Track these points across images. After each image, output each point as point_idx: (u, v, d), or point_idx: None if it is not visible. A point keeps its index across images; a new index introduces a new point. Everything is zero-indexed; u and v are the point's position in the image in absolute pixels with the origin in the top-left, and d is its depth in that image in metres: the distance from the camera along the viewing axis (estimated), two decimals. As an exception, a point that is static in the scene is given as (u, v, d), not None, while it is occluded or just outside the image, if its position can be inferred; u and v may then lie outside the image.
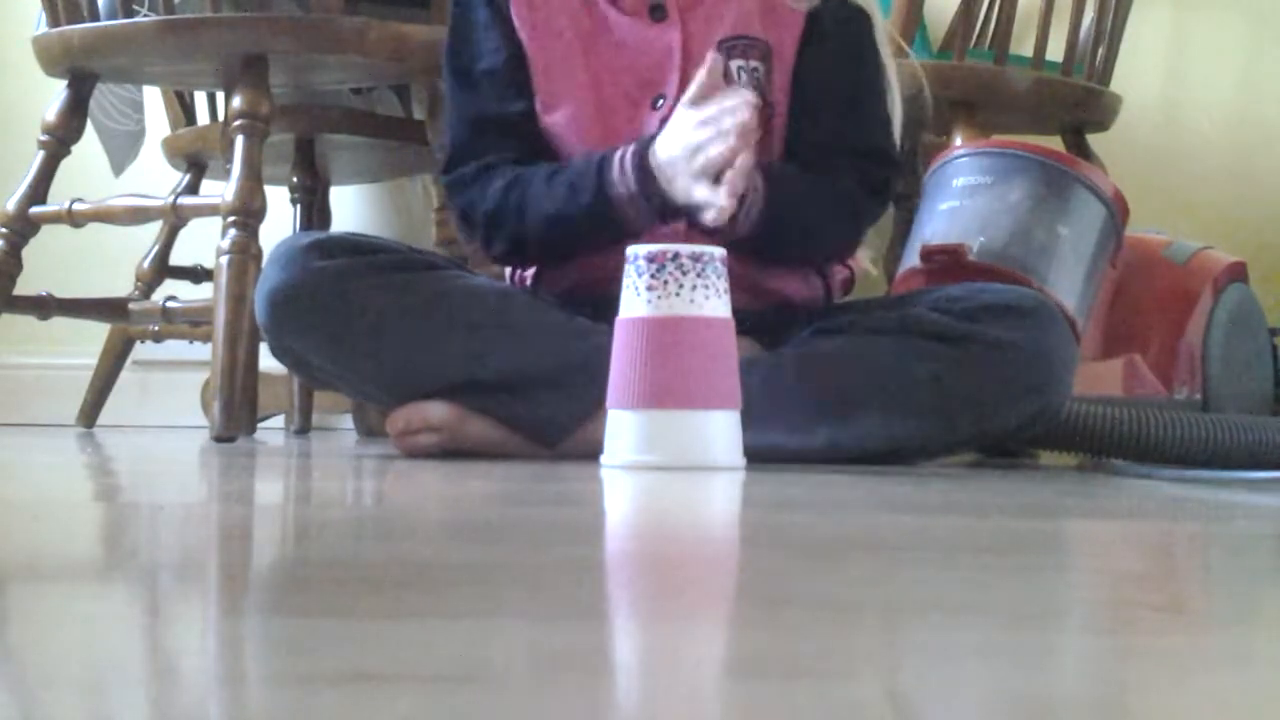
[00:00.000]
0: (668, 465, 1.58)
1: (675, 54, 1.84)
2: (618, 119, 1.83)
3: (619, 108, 1.84)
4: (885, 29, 1.92)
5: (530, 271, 1.90)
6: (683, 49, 1.84)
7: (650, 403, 1.59)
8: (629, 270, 1.62)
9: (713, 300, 1.60)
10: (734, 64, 1.84)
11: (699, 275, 1.59)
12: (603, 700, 0.50)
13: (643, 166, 1.73)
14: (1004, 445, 2.02)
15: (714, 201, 1.66)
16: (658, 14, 1.85)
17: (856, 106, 1.87)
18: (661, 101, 1.83)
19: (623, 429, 1.60)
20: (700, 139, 1.69)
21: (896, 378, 1.74)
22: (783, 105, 1.86)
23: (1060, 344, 1.77)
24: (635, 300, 1.61)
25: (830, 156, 1.83)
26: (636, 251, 1.62)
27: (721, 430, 1.60)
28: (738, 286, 1.86)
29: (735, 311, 1.85)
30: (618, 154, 1.75)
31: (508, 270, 1.95)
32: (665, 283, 1.59)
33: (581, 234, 1.79)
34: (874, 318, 1.78)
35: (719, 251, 1.63)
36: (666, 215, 1.75)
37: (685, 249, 1.61)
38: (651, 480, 1.51)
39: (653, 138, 1.74)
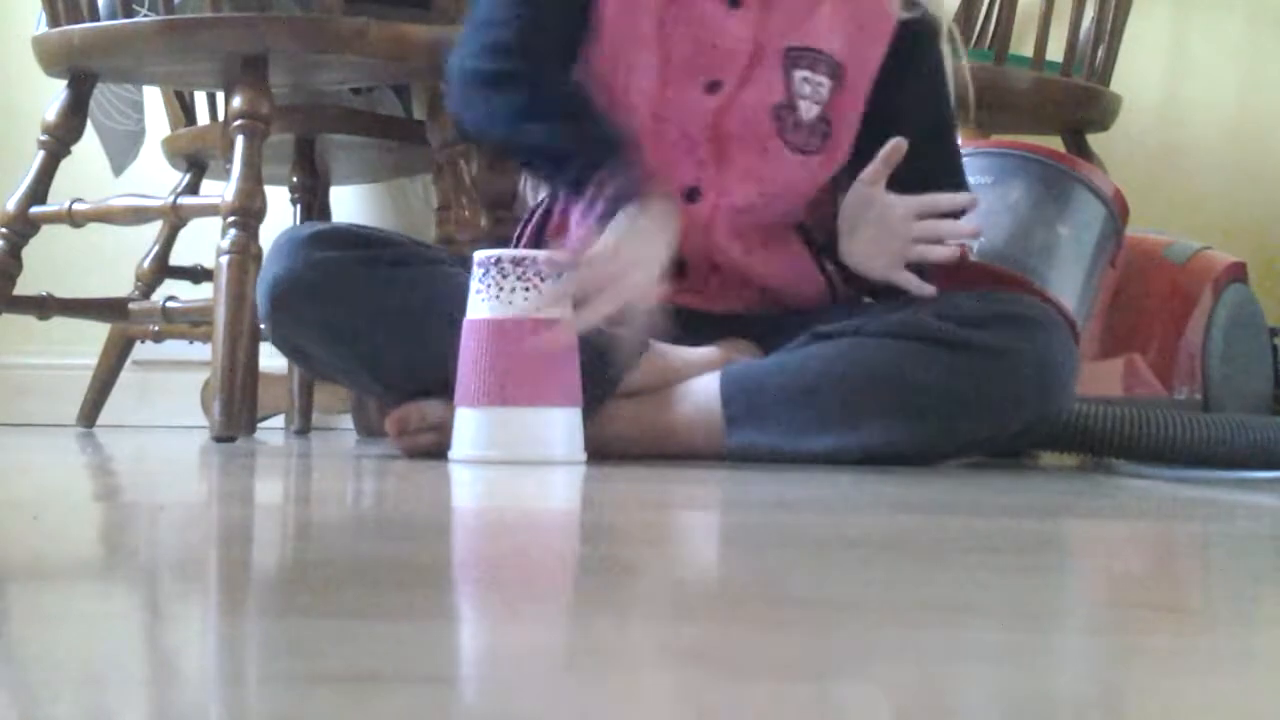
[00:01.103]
0: (508, 460, 1.62)
1: (746, 45, 1.83)
2: (675, 94, 1.82)
3: (678, 83, 1.82)
4: (949, 29, 1.91)
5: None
6: (754, 41, 1.83)
7: (491, 400, 1.63)
8: (475, 274, 1.66)
9: (556, 304, 1.64)
10: (798, 74, 1.83)
11: (540, 279, 1.63)
12: (602, 700, 0.50)
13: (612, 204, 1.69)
14: (1004, 447, 2.02)
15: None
16: (735, 1, 1.84)
17: (942, 144, 1.87)
18: (718, 88, 1.82)
19: (467, 426, 1.65)
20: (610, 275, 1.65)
21: (899, 383, 1.74)
22: (853, 124, 1.85)
23: (1063, 353, 1.77)
24: (479, 303, 1.65)
25: (914, 191, 1.81)
26: (481, 256, 1.66)
27: (560, 426, 1.64)
28: (746, 287, 1.86)
29: (738, 314, 1.86)
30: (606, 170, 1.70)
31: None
32: (507, 287, 1.63)
33: (543, 164, 1.80)
34: (877, 322, 1.78)
35: (550, 254, 1.66)
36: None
37: (527, 254, 1.65)
38: (650, 481, 1.51)
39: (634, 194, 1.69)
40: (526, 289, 1.63)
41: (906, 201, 1.74)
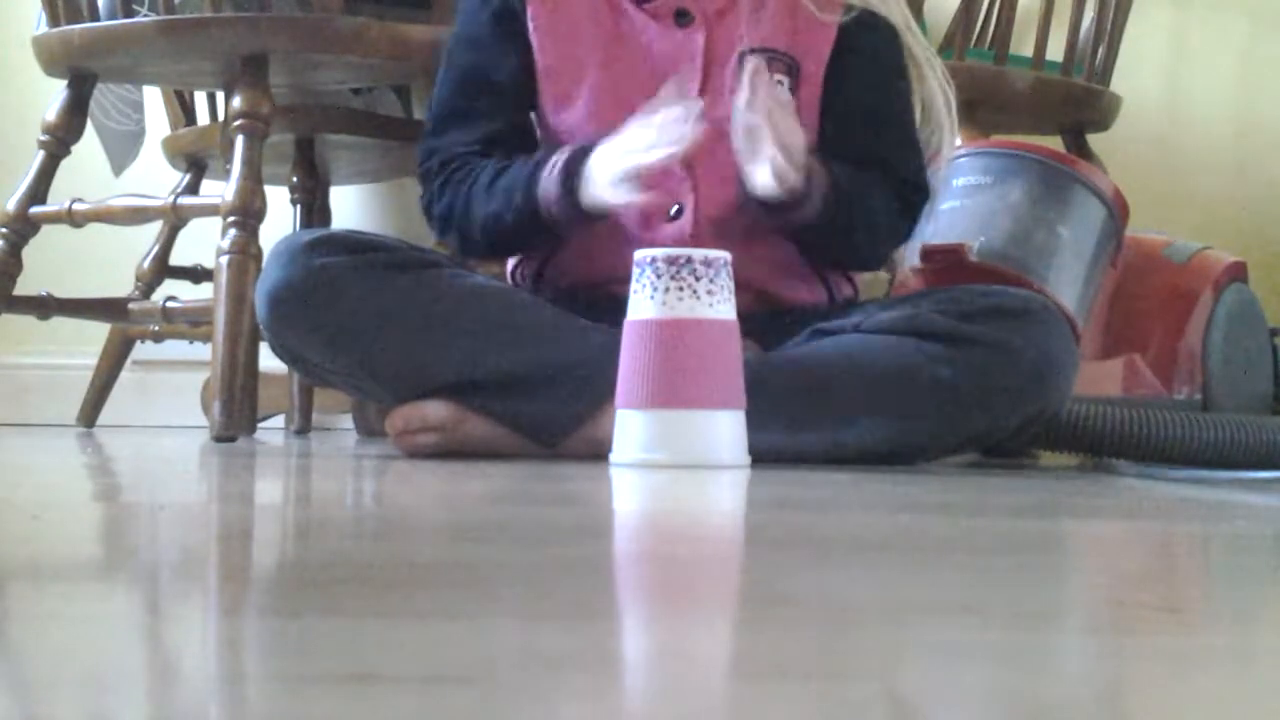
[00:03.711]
0: (675, 464, 1.60)
1: (698, 61, 1.83)
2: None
3: (637, 111, 1.82)
4: (919, 41, 1.91)
5: (530, 270, 1.90)
6: (705, 56, 1.83)
7: (658, 402, 1.61)
8: (640, 273, 1.63)
9: (720, 303, 1.62)
10: None
11: (711, 280, 1.61)
12: (602, 700, 0.50)
13: (568, 169, 1.74)
14: (1004, 445, 2.02)
15: (625, 201, 1.69)
16: (683, 19, 1.84)
17: (890, 126, 1.86)
18: None
19: (631, 428, 1.62)
20: (635, 144, 1.69)
21: (897, 379, 1.74)
22: (811, 121, 1.84)
23: (1061, 347, 1.77)
24: (645, 302, 1.62)
25: (865, 174, 1.82)
26: (648, 255, 1.63)
27: (727, 429, 1.62)
28: (740, 289, 1.86)
29: (737, 314, 1.85)
30: (553, 156, 1.76)
31: (508, 268, 1.95)
32: (675, 285, 1.61)
33: (516, 235, 1.81)
34: (875, 319, 1.78)
35: (727, 256, 1.64)
36: (590, 218, 1.75)
37: (697, 253, 1.63)
38: (651, 480, 1.51)
39: (592, 143, 1.74)
40: (709, 290, 1.62)
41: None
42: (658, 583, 0.80)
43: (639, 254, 1.65)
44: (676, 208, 1.82)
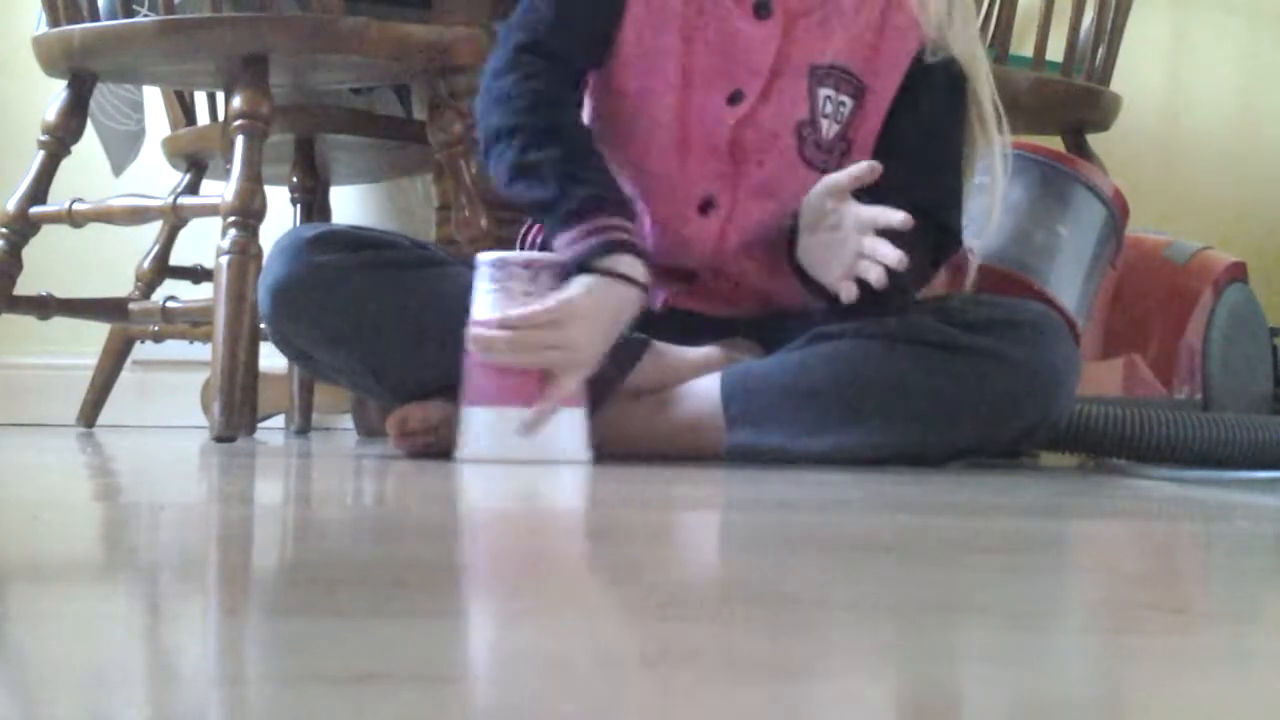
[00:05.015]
0: (514, 459, 1.63)
1: (768, 57, 1.81)
2: (697, 103, 1.80)
3: (700, 92, 1.81)
4: (987, 91, 1.86)
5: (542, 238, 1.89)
6: (777, 54, 1.81)
7: (492, 400, 1.65)
8: (478, 275, 1.67)
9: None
10: (822, 92, 1.81)
11: (530, 281, 1.68)
12: (605, 699, 0.50)
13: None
14: (1005, 447, 2.02)
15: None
16: (762, 11, 1.82)
17: (942, 172, 1.83)
18: (740, 99, 1.81)
19: (472, 425, 1.66)
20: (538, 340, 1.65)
21: (899, 385, 1.73)
22: (868, 145, 1.83)
23: (1063, 358, 1.76)
24: (485, 303, 1.65)
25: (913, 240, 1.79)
26: (482, 258, 1.67)
27: (565, 426, 1.65)
28: (744, 294, 1.86)
29: (737, 316, 1.85)
30: (575, 229, 1.69)
31: (520, 233, 1.94)
32: (499, 288, 1.65)
33: (532, 212, 1.80)
34: (878, 324, 1.77)
35: (552, 258, 1.68)
36: None
37: (518, 256, 1.68)
38: (649, 480, 1.51)
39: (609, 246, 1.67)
40: (510, 290, 1.64)
41: (860, 213, 1.71)
42: (658, 582, 0.80)
43: (478, 256, 1.68)
44: (706, 201, 1.81)
